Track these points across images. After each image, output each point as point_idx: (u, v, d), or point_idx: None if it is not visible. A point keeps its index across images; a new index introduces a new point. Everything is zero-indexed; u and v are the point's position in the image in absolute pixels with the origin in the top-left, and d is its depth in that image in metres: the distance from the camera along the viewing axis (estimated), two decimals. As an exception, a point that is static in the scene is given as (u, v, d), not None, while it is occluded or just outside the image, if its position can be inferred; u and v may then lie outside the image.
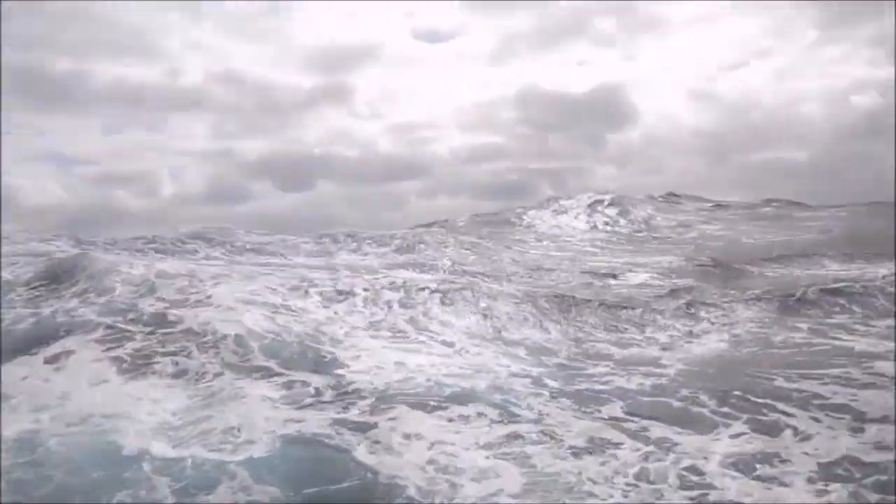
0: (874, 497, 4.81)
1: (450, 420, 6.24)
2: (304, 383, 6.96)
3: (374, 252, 18.33)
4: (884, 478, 5.05)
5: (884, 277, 12.16)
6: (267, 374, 7.28)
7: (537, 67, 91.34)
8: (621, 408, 6.56)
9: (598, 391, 7.07)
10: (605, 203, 31.82)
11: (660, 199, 34.58)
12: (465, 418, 6.26)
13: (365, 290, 11.30)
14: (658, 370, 7.79)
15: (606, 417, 6.32)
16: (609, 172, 69.44)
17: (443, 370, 7.47)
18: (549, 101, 77.76)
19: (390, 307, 10.41)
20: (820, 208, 29.68)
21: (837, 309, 10.75)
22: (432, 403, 6.55)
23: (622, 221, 29.31)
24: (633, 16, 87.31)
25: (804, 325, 9.76)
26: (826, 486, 4.98)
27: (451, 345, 8.73)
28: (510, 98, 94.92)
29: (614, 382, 7.36)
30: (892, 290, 11.23)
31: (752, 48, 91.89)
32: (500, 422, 6.17)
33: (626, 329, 10.00)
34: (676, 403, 6.68)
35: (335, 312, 9.80)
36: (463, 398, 6.66)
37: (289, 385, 6.99)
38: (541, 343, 9.05)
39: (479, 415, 6.30)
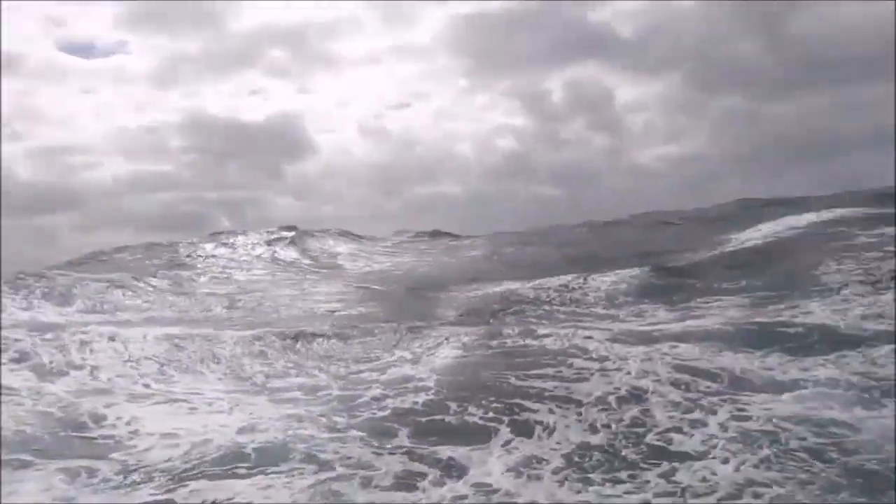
0: (599, 476, 5.97)
1: (257, 476, 6.19)
2: (90, 470, 6.19)
3: (53, 307, 16.18)
4: (600, 455, 6.32)
5: (550, 297, 14.84)
6: (25, 465, 6.32)
7: (207, 93, 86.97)
8: (408, 434, 7.11)
9: (383, 418, 7.60)
10: (287, 240, 32.09)
11: (336, 232, 36.14)
12: (273, 473, 6.24)
13: (84, 357, 10.21)
14: (421, 384, 8.58)
15: (400, 447, 6.80)
16: (288, 203, 69.33)
17: (231, 429, 7.27)
18: (221, 129, 73.84)
19: (126, 374, 9.58)
20: (471, 237, 34.21)
21: (533, 319, 12.83)
22: (233, 464, 6.43)
23: (305, 255, 29.77)
24: (306, 50, 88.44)
25: (510, 333, 11.06)
26: (567, 474, 6.04)
27: (220, 401, 8.46)
28: (178, 124, 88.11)
29: (390, 405, 7.96)
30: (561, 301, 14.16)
31: (413, 90, 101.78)
32: (310, 470, 6.27)
33: (376, 355, 10.63)
34: (450, 419, 7.50)
35: (68, 387, 8.69)
36: (263, 453, 6.63)
37: (60, 474, 6.16)
38: (308, 384, 9.24)
39: (290, 468, 6.32)
